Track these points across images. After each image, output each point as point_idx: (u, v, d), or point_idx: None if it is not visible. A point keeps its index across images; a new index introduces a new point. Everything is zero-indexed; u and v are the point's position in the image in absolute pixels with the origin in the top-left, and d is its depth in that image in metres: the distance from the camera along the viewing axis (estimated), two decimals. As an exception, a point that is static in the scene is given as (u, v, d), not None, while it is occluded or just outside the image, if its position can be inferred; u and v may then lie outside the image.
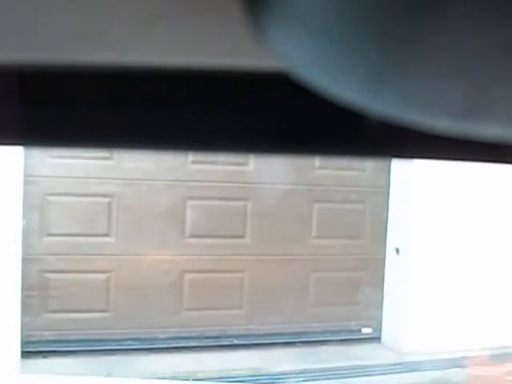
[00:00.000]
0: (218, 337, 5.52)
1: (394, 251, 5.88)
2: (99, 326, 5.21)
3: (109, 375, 4.70)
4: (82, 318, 5.14)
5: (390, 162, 5.59)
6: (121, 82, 0.60)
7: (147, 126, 0.65)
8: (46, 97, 0.62)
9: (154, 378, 4.42)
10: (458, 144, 0.52)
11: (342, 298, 5.90)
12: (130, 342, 5.31)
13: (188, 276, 5.40)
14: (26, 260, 4.85)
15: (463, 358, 5.41)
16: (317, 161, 5.54)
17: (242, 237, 5.50)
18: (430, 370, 5.36)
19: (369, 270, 5.93)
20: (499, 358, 5.43)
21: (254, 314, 5.62)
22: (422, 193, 5.71)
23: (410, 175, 5.71)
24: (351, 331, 6.08)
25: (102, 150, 4.37)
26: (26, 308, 4.88)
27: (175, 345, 5.45)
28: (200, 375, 4.83)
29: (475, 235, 5.80)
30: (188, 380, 4.69)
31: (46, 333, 5.08)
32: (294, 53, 0.36)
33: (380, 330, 6.00)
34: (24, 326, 4.88)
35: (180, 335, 5.43)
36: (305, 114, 0.64)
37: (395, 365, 5.45)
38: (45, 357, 5.01)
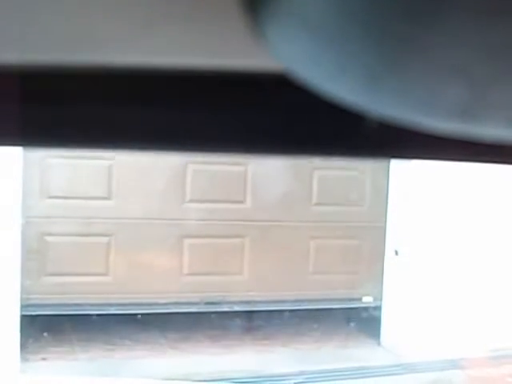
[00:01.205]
0: (219, 303, 5.52)
1: (394, 253, 5.87)
2: (99, 290, 5.20)
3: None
4: (82, 282, 5.13)
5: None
6: (121, 82, 0.60)
7: (147, 126, 0.65)
8: (45, 97, 0.61)
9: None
10: (458, 144, 0.51)
11: (343, 265, 5.90)
12: (129, 307, 5.32)
13: (188, 241, 5.39)
14: (25, 223, 4.84)
15: (462, 359, 5.37)
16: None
17: (242, 202, 5.49)
18: (428, 371, 5.34)
19: (369, 238, 5.93)
20: (499, 359, 5.40)
21: (254, 281, 5.62)
22: (422, 193, 5.70)
23: (409, 174, 5.70)
24: (352, 299, 6.09)
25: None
26: (25, 271, 4.88)
27: (175, 310, 5.46)
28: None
29: (474, 236, 5.78)
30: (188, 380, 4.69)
31: (45, 296, 5.07)
32: (293, 53, 0.36)
33: (380, 300, 6.00)
34: (23, 289, 4.88)
35: (180, 301, 5.44)
36: (304, 114, 0.63)
37: (394, 366, 5.43)
38: (44, 359, 5.02)
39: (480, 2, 0.26)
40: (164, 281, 5.36)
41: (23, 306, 4.91)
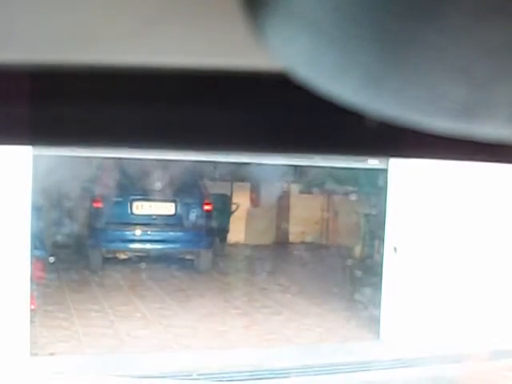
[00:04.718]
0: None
1: (393, 250, 5.91)
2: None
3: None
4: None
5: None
6: (121, 81, 0.60)
7: (147, 126, 0.65)
8: (45, 97, 0.62)
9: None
10: (458, 144, 0.51)
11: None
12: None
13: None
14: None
15: (460, 354, 5.51)
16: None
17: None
18: (427, 365, 5.46)
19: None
20: (495, 353, 5.54)
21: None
22: (421, 190, 5.71)
23: (408, 170, 5.66)
24: (357, 159, 6.14)
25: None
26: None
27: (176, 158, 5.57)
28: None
29: (473, 232, 5.80)
30: (190, 376, 4.87)
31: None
32: (293, 53, 0.36)
33: (386, 164, 6.07)
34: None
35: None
36: (304, 113, 0.64)
37: (394, 360, 5.53)
38: (52, 354, 5.28)
39: (480, 2, 0.26)
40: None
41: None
